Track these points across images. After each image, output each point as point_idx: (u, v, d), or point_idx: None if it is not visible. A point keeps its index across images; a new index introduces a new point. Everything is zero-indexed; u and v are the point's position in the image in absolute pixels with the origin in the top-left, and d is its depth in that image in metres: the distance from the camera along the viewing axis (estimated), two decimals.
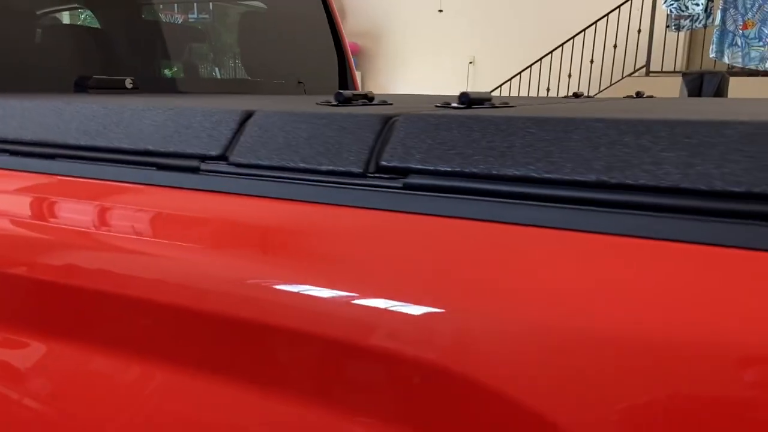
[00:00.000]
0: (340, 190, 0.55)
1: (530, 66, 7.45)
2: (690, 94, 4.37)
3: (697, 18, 6.49)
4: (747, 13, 6.28)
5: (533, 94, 7.36)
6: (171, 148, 0.64)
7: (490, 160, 0.49)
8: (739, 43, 6.36)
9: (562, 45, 7.15)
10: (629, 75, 6.88)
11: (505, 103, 0.80)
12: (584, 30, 7.00)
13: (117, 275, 0.62)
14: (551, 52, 7.24)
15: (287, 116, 0.60)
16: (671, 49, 6.74)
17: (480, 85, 8.24)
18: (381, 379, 0.49)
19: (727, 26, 6.36)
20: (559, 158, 0.46)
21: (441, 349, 0.46)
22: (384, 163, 0.54)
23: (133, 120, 0.68)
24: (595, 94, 7.04)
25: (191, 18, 2.32)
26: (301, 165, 0.57)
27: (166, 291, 0.58)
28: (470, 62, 8.59)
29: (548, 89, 7.38)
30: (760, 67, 6.24)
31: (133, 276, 0.60)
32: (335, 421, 0.50)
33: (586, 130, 0.46)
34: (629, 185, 0.43)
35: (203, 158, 0.63)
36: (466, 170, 0.50)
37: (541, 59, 7.34)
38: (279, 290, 0.53)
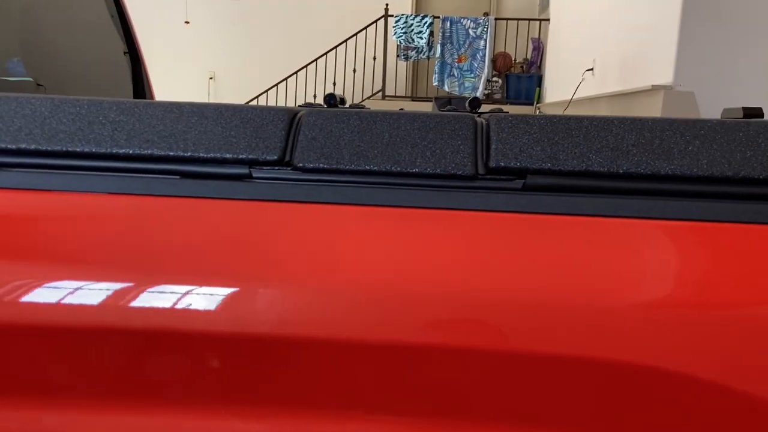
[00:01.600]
0: (450, 193, 0.53)
1: (275, 86, 7.58)
2: None
3: (422, 50, 7.34)
4: (460, 49, 7.32)
5: None
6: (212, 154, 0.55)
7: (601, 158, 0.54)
8: (456, 74, 7.36)
9: (305, 66, 7.43)
10: (368, 98, 7.45)
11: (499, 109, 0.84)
12: (326, 54, 7.39)
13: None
14: (295, 72, 7.47)
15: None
16: (402, 76, 7.49)
17: (221, 100, 8.09)
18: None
19: (446, 59, 7.32)
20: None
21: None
22: (495, 164, 0.54)
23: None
24: None
25: None
26: (395, 169, 0.54)
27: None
28: (210, 77, 8.39)
29: None
30: (473, 95, 7.31)
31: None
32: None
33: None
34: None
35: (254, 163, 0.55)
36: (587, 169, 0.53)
37: (286, 79, 7.52)
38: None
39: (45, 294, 0.49)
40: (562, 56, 6.41)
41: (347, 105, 1.32)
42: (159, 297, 0.50)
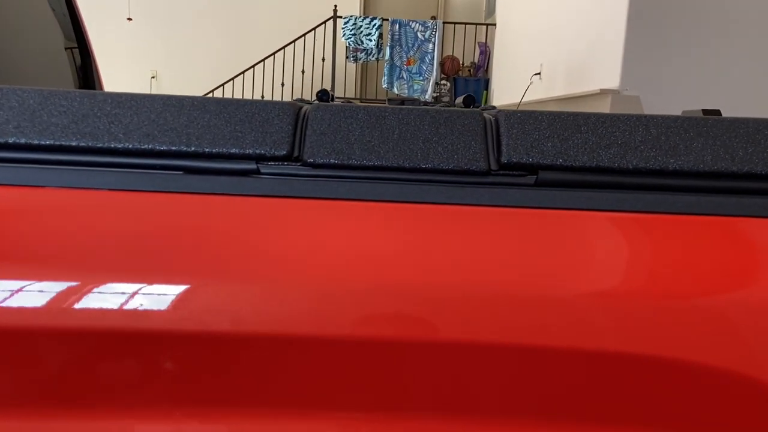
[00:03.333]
0: (464, 189, 0.53)
1: (222, 85, 7.43)
2: None
3: (371, 52, 7.35)
4: (409, 51, 7.36)
5: None
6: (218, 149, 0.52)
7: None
8: (405, 77, 7.41)
9: (253, 66, 7.31)
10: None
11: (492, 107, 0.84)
12: (274, 54, 7.29)
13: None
14: (242, 73, 7.35)
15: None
16: (351, 78, 7.48)
17: None
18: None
19: (395, 61, 7.35)
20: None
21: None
22: (507, 160, 0.54)
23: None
24: None
25: None
26: (406, 164, 0.53)
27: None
28: (153, 76, 8.16)
29: None
30: (422, 98, 7.36)
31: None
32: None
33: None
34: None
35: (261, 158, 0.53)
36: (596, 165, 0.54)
37: (233, 79, 7.38)
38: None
39: (41, 295, 0.46)
40: (509, 60, 6.55)
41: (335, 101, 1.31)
42: (164, 295, 0.47)
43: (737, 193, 0.54)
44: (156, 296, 0.47)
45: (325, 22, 7.28)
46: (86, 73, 2.09)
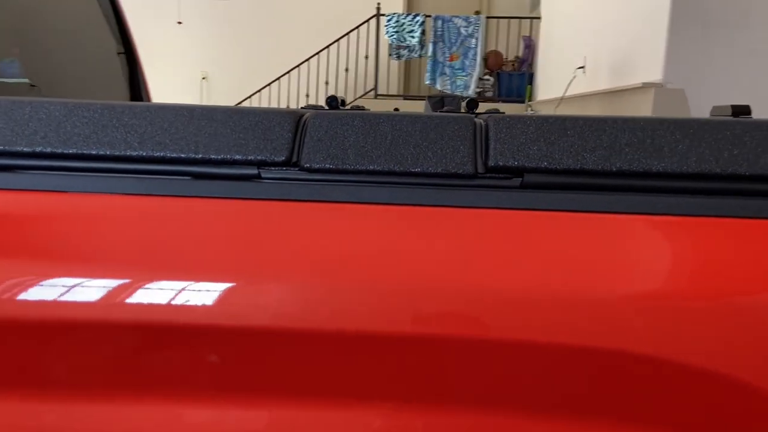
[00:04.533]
0: (451, 191, 0.56)
1: (268, 85, 7.58)
2: None
3: (414, 49, 7.37)
4: (452, 47, 7.35)
5: None
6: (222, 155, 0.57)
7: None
8: (448, 73, 7.39)
9: (298, 66, 7.44)
10: (360, 97, 7.46)
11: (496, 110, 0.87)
12: (318, 53, 7.39)
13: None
14: (288, 72, 7.48)
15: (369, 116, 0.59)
16: (394, 75, 7.51)
17: (214, 101, 8.09)
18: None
19: (438, 58, 7.34)
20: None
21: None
22: (495, 163, 0.56)
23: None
24: None
25: None
26: (397, 168, 0.56)
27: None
28: (203, 77, 8.38)
29: (288, 107, 7.58)
30: (464, 94, 7.34)
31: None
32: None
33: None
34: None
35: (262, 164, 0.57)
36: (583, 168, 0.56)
37: (279, 78, 7.52)
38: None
39: (62, 292, 0.51)
40: (553, 54, 6.46)
41: (347, 106, 1.35)
42: (176, 292, 0.52)
43: (720, 195, 0.55)
44: (164, 291, 0.52)
45: (368, 21, 7.33)
46: (133, 77, 2.19)
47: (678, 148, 0.56)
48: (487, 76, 7.57)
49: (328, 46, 7.37)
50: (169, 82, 8.20)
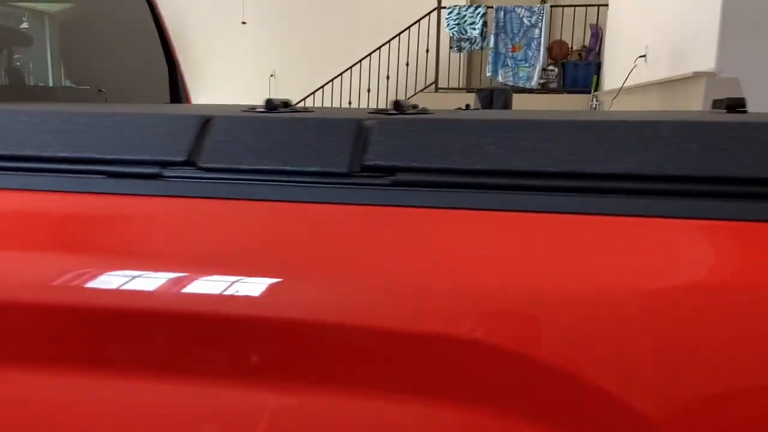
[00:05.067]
0: (327, 189, 0.60)
1: (331, 81, 7.74)
2: (483, 108, 4.96)
3: (475, 41, 7.31)
4: (515, 38, 7.24)
5: (336, 105, 7.66)
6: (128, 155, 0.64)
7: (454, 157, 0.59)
8: (510, 64, 7.29)
9: (360, 61, 7.55)
10: (421, 91, 7.49)
11: (424, 110, 0.90)
12: (379, 48, 7.47)
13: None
14: (350, 67, 7.60)
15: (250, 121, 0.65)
16: (455, 68, 7.49)
17: (282, 97, 8.33)
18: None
19: (500, 49, 7.26)
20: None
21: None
22: (369, 163, 0.61)
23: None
24: None
25: None
26: (282, 167, 0.62)
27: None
28: (271, 75, 8.65)
29: (349, 103, 7.73)
30: (527, 85, 7.22)
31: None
32: None
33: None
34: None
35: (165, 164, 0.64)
36: (450, 167, 0.59)
37: (341, 74, 7.67)
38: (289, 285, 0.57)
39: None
40: (620, 42, 6.24)
41: (296, 105, 1.41)
42: (85, 275, 0.60)
43: (577, 192, 0.57)
44: (76, 274, 0.60)
45: (429, 14, 7.34)
46: (173, 80, 2.32)
47: (540, 146, 0.58)
48: (551, 67, 7.40)
49: (389, 41, 7.43)
50: (241, 79, 8.51)
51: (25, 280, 0.61)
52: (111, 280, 0.60)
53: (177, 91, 2.35)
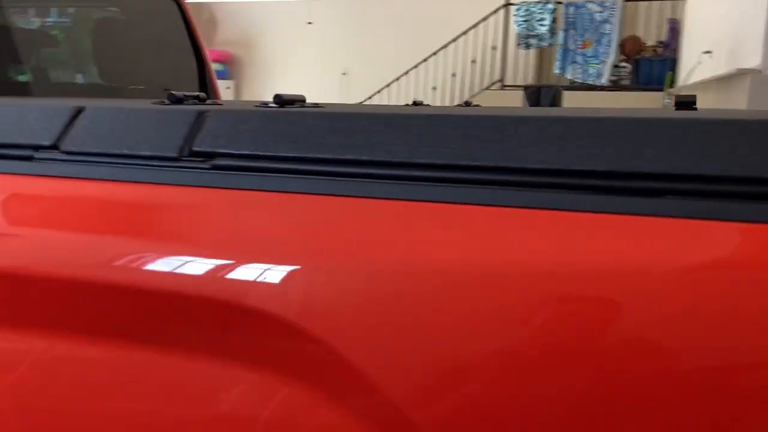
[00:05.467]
0: (159, 171, 0.70)
1: (398, 79, 7.84)
2: (530, 105, 4.89)
3: (543, 37, 7.18)
4: (585, 34, 7.05)
5: (402, 103, 7.74)
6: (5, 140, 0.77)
7: (279, 146, 0.67)
8: (579, 61, 7.11)
9: (426, 59, 7.61)
10: (487, 88, 7.45)
11: (315, 104, 0.98)
12: (446, 46, 7.50)
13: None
14: (416, 66, 7.68)
15: (115, 111, 0.75)
16: (523, 65, 7.39)
17: (352, 96, 8.51)
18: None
19: (569, 45, 7.09)
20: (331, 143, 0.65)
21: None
22: (196, 148, 0.70)
23: None
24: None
25: (48, 22, 2.32)
26: (126, 152, 0.72)
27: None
28: (343, 73, 8.86)
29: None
30: (597, 82, 7.02)
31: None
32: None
33: (352, 121, 0.65)
34: (375, 161, 0.63)
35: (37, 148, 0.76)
36: (259, 153, 0.67)
37: (408, 72, 7.76)
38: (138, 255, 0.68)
39: None
40: (694, 37, 5.95)
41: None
42: None
43: (358, 178, 0.64)
44: None
45: (496, 11, 7.29)
46: (201, 75, 2.49)
47: (376, 138, 0.64)
48: (623, 63, 7.15)
49: (455, 39, 7.44)
50: (313, 78, 8.78)
51: None
52: None
53: (205, 87, 2.51)
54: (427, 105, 2.17)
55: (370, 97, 8.01)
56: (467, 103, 2.20)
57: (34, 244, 0.72)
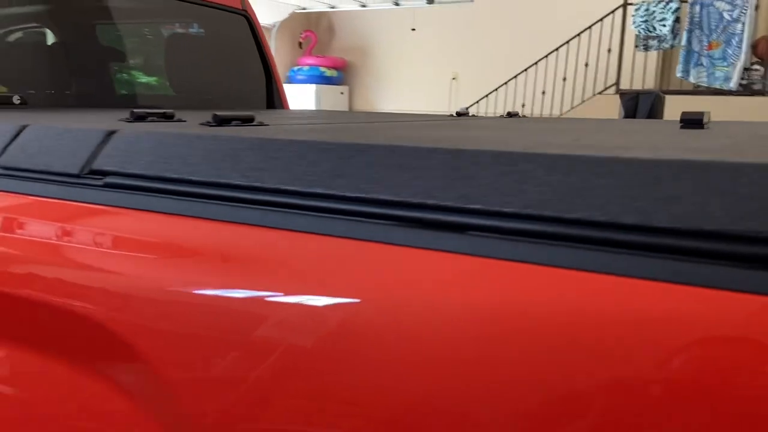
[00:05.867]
0: (58, 187, 0.77)
1: (506, 83, 7.68)
2: (626, 114, 4.57)
3: (664, 38, 6.71)
4: (712, 35, 6.49)
5: (510, 109, 7.58)
6: None
7: (175, 167, 0.71)
8: (705, 63, 6.56)
9: (536, 63, 7.38)
10: (600, 93, 7.09)
11: (260, 123, 1.01)
12: (557, 49, 7.23)
13: None
14: (526, 69, 7.48)
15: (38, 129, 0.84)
16: (641, 68, 6.95)
17: (462, 100, 8.46)
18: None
19: (693, 47, 6.57)
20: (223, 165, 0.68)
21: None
22: (94, 167, 0.76)
23: None
24: (567, 111, 7.26)
25: (129, 38, 2.55)
26: (33, 167, 0.80)
27: None
28: (453, 78, 8.83)
29: (523, 105, 7.60)
30: (725, 87, 6.44)
31: None
32: None
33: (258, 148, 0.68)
34: (275, 189, 0.65)
35: None
36: (142, 173, 0.72)
37: (516, 76, 7.57)
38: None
39: None
40: None
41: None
42: None
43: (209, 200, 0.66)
44: None
45: (613, 12, 6.91)
46: (269, 87, 2.62)
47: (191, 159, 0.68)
48: (755, 66, 6.50)
49: (568, 41, 7.16)
50: (422, 84, 8.83)
51: None
52: None
53: (272, 97, 2.64)
54: (522, 116, 2.13)
55: (476, 102, 7.91)
56: (510, 114, 2.13)
57: None
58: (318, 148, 0.63)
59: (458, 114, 2.10)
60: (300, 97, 8.73)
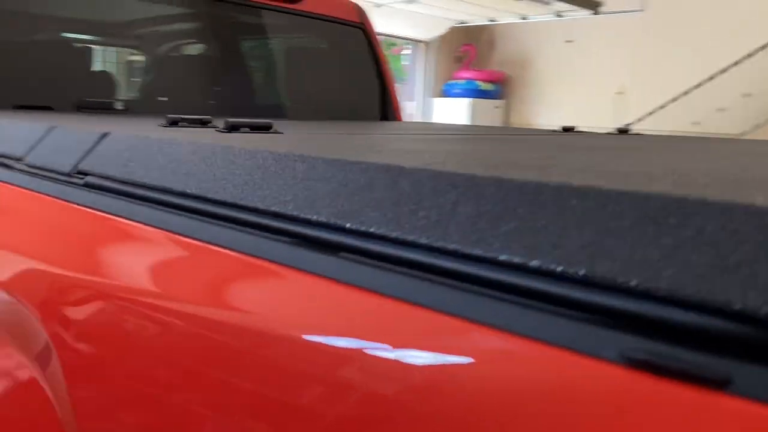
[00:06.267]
0: (48, 183, 0.82)
1: (675, 99, 7.02)
2: None
3: None
4: None
5: (680, 127, 6.92)
6: None
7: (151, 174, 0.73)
8: None
9: (711, 78, 6.66)
10: None
11: (276, 132, 1.00)
12: (739, 62, 6.47)
13: None
14: (699, 84, 6.78)
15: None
16: None
17: (629, 117, 7.89)
18: None
19: None
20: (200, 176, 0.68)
21: None
22: (81, 167, 0.80)
23: None
24: (748, 131, 6.45)
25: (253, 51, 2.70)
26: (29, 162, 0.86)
27: None
28: (619, 92, 8.26)
29: (698, 123, 6.89)
30: None
31: None
32: None
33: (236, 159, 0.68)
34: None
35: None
36: (113, 176, 0.74)
37: (687, 92, 6.90)
38: None
39: None
40: None
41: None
42: None
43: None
44: None
45: None
46: (384, 98, 2.64)
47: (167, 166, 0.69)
48: None
49: (751, 54, 6.37)
50: (584, 98, 8.38)
51: None
52: None
53: (386, 109, 2.65)
54: (580, 131, 1.96)
55: (640, 119, 7.33)
56: (620, 131, 1.92)
57: None
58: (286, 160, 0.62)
59: (619, 131, 1.97)
60: (454, 111, 8.72)
